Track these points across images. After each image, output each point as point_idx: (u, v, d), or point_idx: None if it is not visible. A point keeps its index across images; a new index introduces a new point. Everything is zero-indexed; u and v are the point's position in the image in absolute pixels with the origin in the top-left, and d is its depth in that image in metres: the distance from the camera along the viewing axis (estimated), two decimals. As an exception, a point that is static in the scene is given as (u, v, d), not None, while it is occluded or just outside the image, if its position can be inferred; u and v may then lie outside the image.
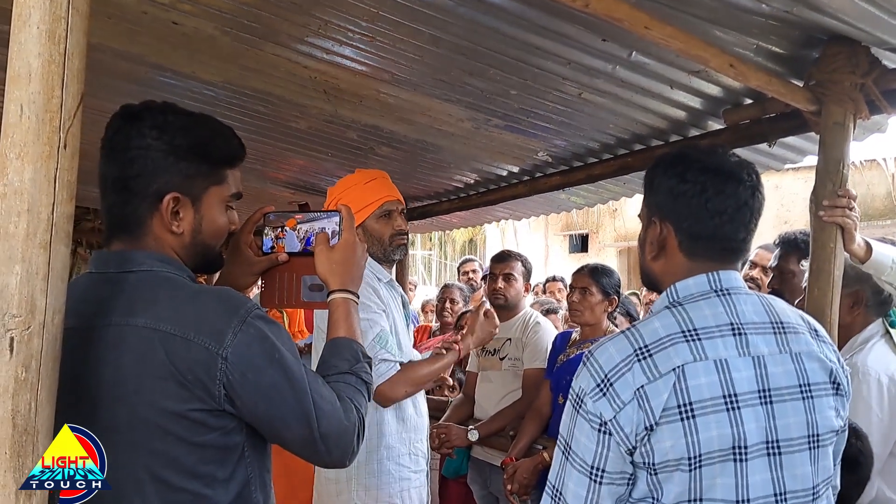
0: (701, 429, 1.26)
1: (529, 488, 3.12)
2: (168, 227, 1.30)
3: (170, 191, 1.28)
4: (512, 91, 2.89)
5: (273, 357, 1.23)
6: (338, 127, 3.53)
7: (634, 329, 1.36)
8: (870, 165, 11.91)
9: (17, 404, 1.00)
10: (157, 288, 1.24)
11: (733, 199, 1.39)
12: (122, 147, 1.26)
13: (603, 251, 16.21)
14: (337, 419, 1.27)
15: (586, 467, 1.30)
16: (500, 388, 3.61)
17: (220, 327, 1.19)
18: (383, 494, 2.38)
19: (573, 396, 1.35)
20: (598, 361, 1.32)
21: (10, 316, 1.00)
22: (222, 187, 1.36)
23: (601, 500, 1.30)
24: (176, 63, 2.87)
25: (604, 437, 1.28)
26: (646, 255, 1.51)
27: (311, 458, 1.30)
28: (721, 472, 1.28)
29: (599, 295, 3.25)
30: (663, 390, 1.26)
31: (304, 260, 1.48)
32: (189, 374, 1.17)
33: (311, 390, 1.25)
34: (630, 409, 1.26)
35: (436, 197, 5.21)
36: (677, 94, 2.87)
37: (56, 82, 1.04)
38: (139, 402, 1.18)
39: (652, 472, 1.28)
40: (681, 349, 1.30)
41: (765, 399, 1.32)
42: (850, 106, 2.32)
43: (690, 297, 1.40)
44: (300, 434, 1.25)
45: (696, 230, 1.41)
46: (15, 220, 1.01)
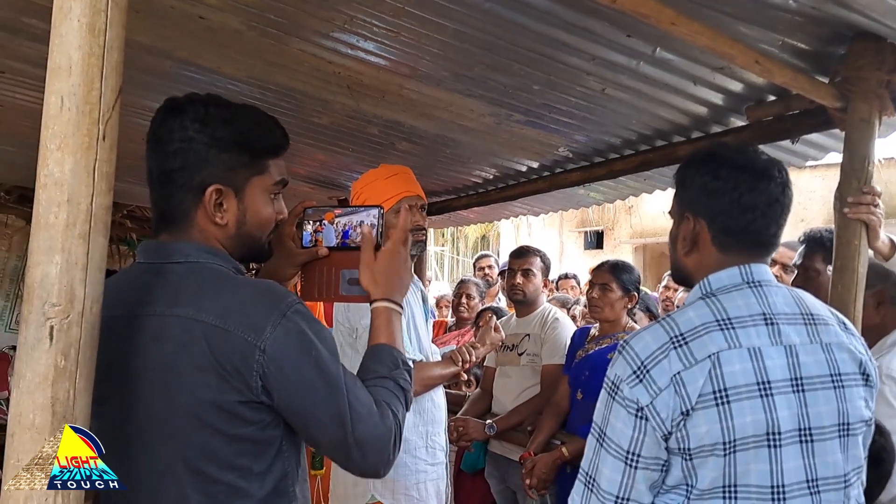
0: (735, 414, 1.30)
1: (548, 483, 3.13)
2: (212, 219, 1.30)
3: (212, 183, 1.29)
4: (535, 86, 2.89)
5: (310, 353, 1.22)
6: (359, 122, 3.53)
7: (669, 318, 1.41)
8: (889, 163, 11.80)
9: (57, 392, 1.02)
10: (202, 279, 1.25)
11: (765, 196, 1.44)
12: (165, 140, 1.27)
13: (618, 248, 16.15)
14: (372, 424, 1.25)
15: (622, 452, 1.33)
16: (519, 383, 3.62)
17: (259, 320, 1.19)
18: (399, 486, 2.41)
19: (608, 384, 1.39)
20: (634, 349, 1.37)
21: (49, 305, 1.02)
22: (265, 177, 1.36)
23: (636, 485, 1.33)
24: (201, 57, 2.89)
25: (640, 422, 1.32)
26: (678, 251, 1.56)
27: (345, 463, 1.29)
28: (755, 459, 1.31)
29: (619, 291, 3.26)
30: (699, 376, 1.30)
31: (343, 254, 1.50)
32: (228, 364, 1.18)
33: (347, 391, 1.24)
34: (666, 395, 1.31)
35: (454, 192, 5.21)
36: (700, 91, 2.86)
37: (95, 75, 1.06)
38: (179, 391, 1.19)
39: (687, 457, 1.31)
40: (715, 337, 1.34)
41: (797, 387, 1.35)
42: (876, 103, 2.31)
43: (723, 288, 1.44)
44: (334, 436, 1.24)
45: (728, 225, 1.46)
46: (55, 210, 1.02)
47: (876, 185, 2.33)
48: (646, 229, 15.76)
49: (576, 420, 3.23)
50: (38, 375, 1.01)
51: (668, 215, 1.64)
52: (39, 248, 1.02)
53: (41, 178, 1.03)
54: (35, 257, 1.02)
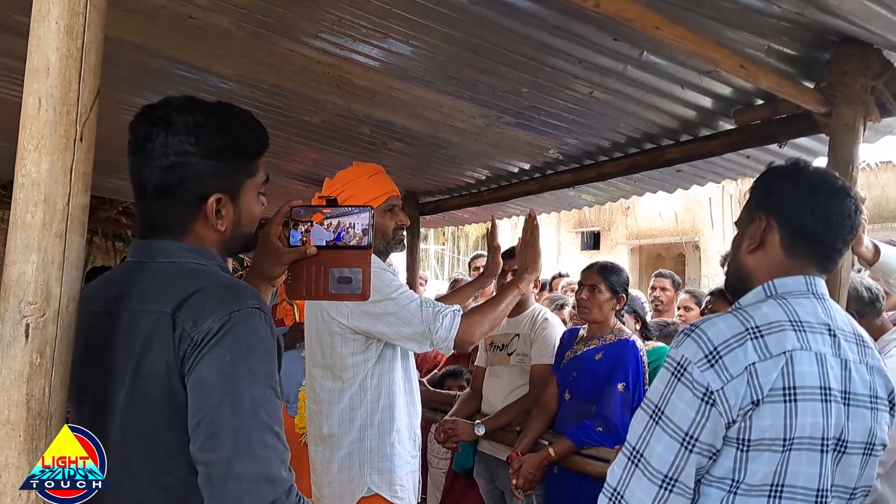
0: (800, 413, 1.33)
1: (534, 483, 3.13)
2: (214, 227, 1.32)
3: (213, 192, 1.29)
4: (523, 89, 2.90)
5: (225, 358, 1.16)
6: (351, 122, 3.55)
7: (742, 311, 1.43)
8: (885, 167, 11.79)
9: (32, 389, 1.03)
10: (175, 275, 1.26)
11: (839, 209, 1.48)
12: (159, 154, 1.26)
13: (615, 249, 16.17)
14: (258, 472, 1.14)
15: (680, 433, 1.35)
16: (508, 383, 3.62)
17: (205, 312, 1.18)
18: (396, 478, 2.41)
19: (673, 364, 1.40)
20: (706, 334, 1.38)
21: (26, 303, 1.03)
22: (256, 178, 1.38)
23: (687, 467, 1.35)
24: (192, 57, 2.90)
25: (706, 406, 1.34)
26: (742, 249, 1.58)
27: (208, 495, 1.15)
28: (807, 461, 1.35)
29: (608, 293, 3.26)
30: (773, 370, 1.33)
31: (333, 253, 1.50)
32: (176, 354, 1.18)
33: (245, 417, 1.14)
34: (738, 383, 1.33)
35: (448, 192, 5.23)
36: (688, 94, 2.87)
37: (73, 76, 1.07)
38: (138, 383, 1.20)
39: (744, 448, 1.34)
40: (789, 336, 1.37)
41: (846, 400, 1.40)
42: (860, 108, 2.32)
43: (790, 293, 1.47)
44: (210, 456, 1.14)
45: (800, 229, 1.49)
46: (32, 209, 1.04)
47: (866, 189, 2.34)
48: (642, 231, 15.76)
49: (563, 421, 3.23)
50: (13, 372, 1.02)
51: (735, 225, 1.67)
52: (16, 247, 1.03)
53: (18, 177, 1.04)
54: (12, 256, 1.04)
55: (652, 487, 1.37)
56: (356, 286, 1.51)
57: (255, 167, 1.37)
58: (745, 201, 1.66)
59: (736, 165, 3.74)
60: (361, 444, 2.40)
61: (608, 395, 3.09)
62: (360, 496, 2.38)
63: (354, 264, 1.51)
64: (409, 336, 2.34)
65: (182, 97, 1.32)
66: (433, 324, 2.32)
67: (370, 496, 2.38)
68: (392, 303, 2.33)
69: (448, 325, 2.33)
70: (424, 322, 2.32)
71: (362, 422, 2.41)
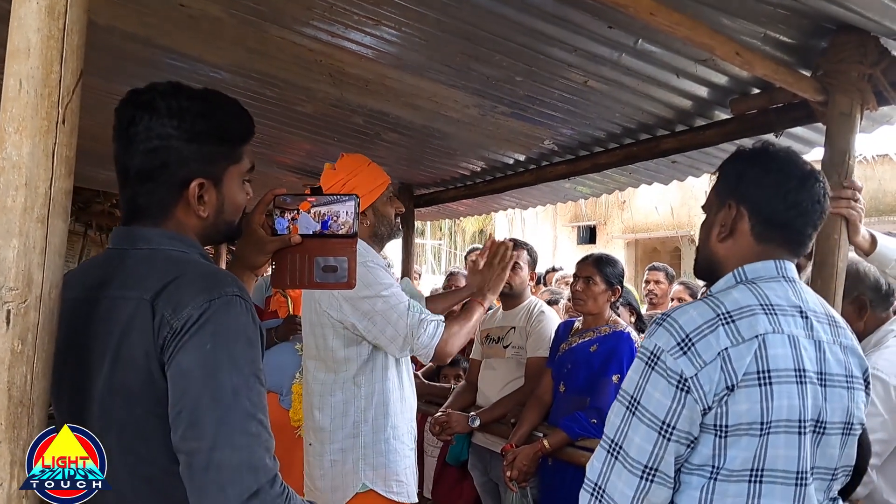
0: (775, 396, 1.34)
1: (528, 475, 3.13)
2: (196, 212, 1.30)
3: (195, 177, 1.28)
4: (518, 77, 2.88)
5: (205, 346, 1.15)
6: (344, 111, 3.52)
7: (712, 297, 1.44)
8: (882, 160, 11.80)
9: (13, 377, 1.01)
10: (155, 262, 1.25)
11: (809, 195, 1.49)
12: (142, 138, 1.25)
13: (611, 243, 16.18)
14: (239, 459, 1.12)
15: (656, 423, 1.35)
16: (503, 375, 3.62)
17: (184, 300, 1.17)
18: (390, 473, 2.41)
19: (646, 354, 1.40)
20: (677, 322, 1.39)
21: (6, 289, 1.01)
22: (240, 165, 1.36)
23: (666, 456, 1.35)
24: (183, 45, 2.88)
25: (681, 394, 1.34)
26: (712, 237, 1.59)
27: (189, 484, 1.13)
28: (786, 443, 1.35)
29: (603, 285, 3.25)
30: (746, 355, 1.34)
31: (318, 241, 1.50)
32: (154, 342, 1.16)
33: (226, 407, 1.13)
34: (711, 369, 1.33)
35: (442, 184, 5.21)
36: (684, 83, 2.85)
37: (55, 58, 1.05)
38: (117, 370, 1.18)
39: (722, 434, 1.34)
40: (761, 320, 1.38)
41: (822, 381, 1.41)
42: (857, 96, 2.30)
43: (760, 278, 1.48)
44: (191, 445, 1.12)
45: (771, 217, 1.50)
46: (13, 193, 1.02)
47: (862, 182, 2.32)
48: (637, 225, 15.78)
49: (558, 413, 3.23)
50: (-7, 359, 1.00)
51: (703, 209, 1.67)
52: (-4, 232, 1.01)
53: (-1, 161, 1.02)
54: (-8, 241, 1.02)
55: (633, 479, 1.37)
56: (342, 275, 1.50)
57: (239, 154, 1.36)
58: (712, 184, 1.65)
59: (732, 156, 3.72)
60: (355, 440, 2.40)
61: (603, 387, 3.08)
62: (355, 492, 2.38)
63: (340, 253, 1.50)
64: (391, 337, 2.34)
65: (167, 83, 1.31)
66: (416, 329, 2.32)
67: (364, 492, 2.38)
68: (381, 301, 2.33)
69: (431, 333, 2.33)
70: (409, 326, 2.32)
71: (356, 417, 2.40)
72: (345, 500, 2.38)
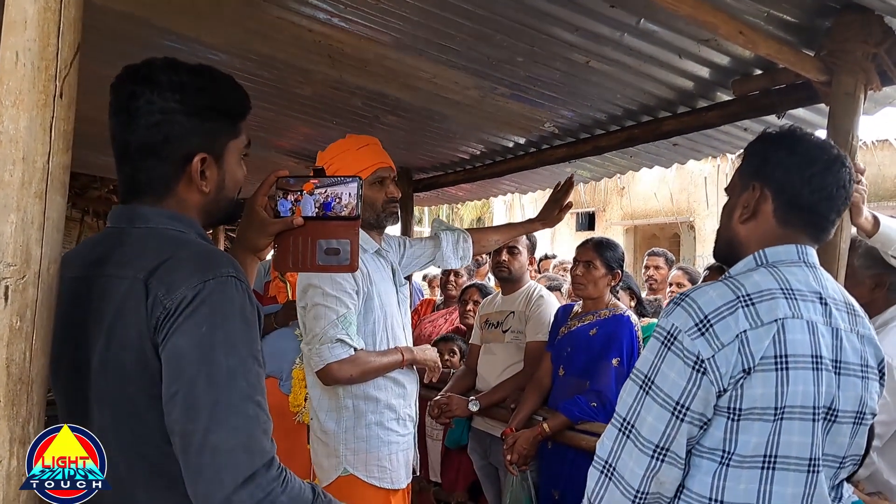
0: (791, 382, 1.33)
1: (528, 459, 3.13)
2: (198, 188, 1.30)
3: (197, 152, 1.27)
4: (518, 58, 2.86)
5: (201, 328, 1.13)
6: (342, 93, 3.50)
7: (733, 279, 1.42)
8: (881, 146, 11.77)
9: (12, 353, 1.00)
10: (152, 242, 1.23)
11: (835, 179, 1.47)
12: (144, 112, 1.23)
13: (610, 229, 16.16)
14: (236, 442, 1.11)
15: (670, 403, 1.35)
16: (503, 360, 3.62)
17: (178, 280, 1.15)
18: (372, 458, 2.42)
19: (662, 333, 1.39)
20: (696, 302, 1.37)
21: (4, 265, 1.00)
22: (239, 140, 1.36)
23: (678, 437, 1.35)
24: (181, 26, 2.86)
25: (697, 375, 1.33)
26: (734, 218, 1.57)
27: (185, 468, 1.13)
28: (800, 430, 1.34)
29: (603, 269, 3.24)
30: (764, 338, 1.33)
31: (320, 224, 1.48)
32: (147, 321, 1.15)
33: (220, 388, 1.12)
34: (729, 351, 1.32)
35: (441, 168, 5.19)
36: (686, 64, 2.83)
37: (52, 30, 1.03)
38: (112, 350, 1.17)
39: (735, 417, 1.34)
40: (781, 304, 1.36)
41: (837, 369, 1.40)
42: (861, 76, 2.28)
43: (781, 262, 1.47)
44: (185, 427, 1.11)
45: (795, 200, 1.48)
46: (10, 168, 1.01)
47: (860, 162, 2.31)
48: (637, 211, 15.76)
49: (558, 396, 3.22)
50: (-8, 336, 0.99)
51: (726, 191, 1.65)
52: (-7, 207, 1.00)
53: (-5, 135, 1.01)
54: (-11, 216, 1.00)
55: (643, 458, 1.37)
56: (344, 257, 1.49)
57: (238, 129, 1.36)
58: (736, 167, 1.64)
59: (733, 138, 3.71)
60: (337, 424, 2.42)
61: (602, 370, 3.08)
62: (337, 475, 2.41)
63: (342, 235, 1.49)
64: (307, 332, 2.38)
65: (164, 58, 1.30)
66: (323, 341, 2.32)
67: (346, 476, 2.40)
68: (322, 297, 2.34)
69: (333, 354, 2.32)
70: (321, 334, 2.33)
71: (338, 403, 2.43)
72: (328, 481, 2.40)
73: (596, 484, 1.44)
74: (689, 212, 14.51)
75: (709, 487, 1.37)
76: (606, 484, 1.42)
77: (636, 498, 1.38)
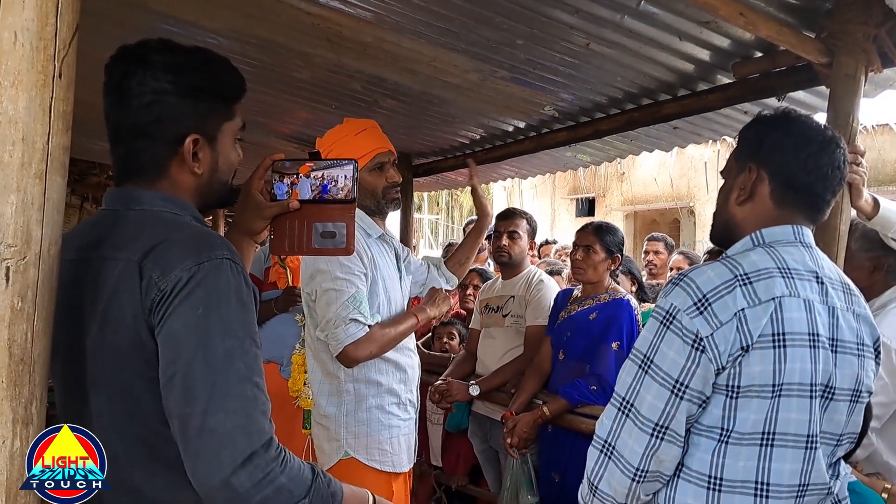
0: (788, 359, 1.34)
1: (529, 442, 3.15)
2: (190, 169, 1.29)
3: (189, 133, 1.27)
4: (518, 41, 2.85)
5: (198, 310, 1.14)
6: (341, 77, 3.49)
7: (730, 259, 1.44)
8: (882, 130, 11.75)
9: (14, 334, 1.00)
10: (146, 224, 1.23)
11: (830, 160, 1.49)
12: (136, 92, 1.23)
13: (610, 215, 16.15)
14: (234, 423, 1.10)
15: (670, 381, 1.36)
16: (503, 344, 3.63)
17: (172, 262, 1.15)
18: (372, 441, 2.42)
19: (661, 313, 1.41)
20: (695, 282, 1.39)
21: (5, 245, 1.00)
22: (234, 122, 1.35)
23: (678, 415, 1.37)
24: (179, 10, 2.85)
25: (696, 353, 1.35)
26: (731, 200, 1.58)
27: (184, 451, 1.12)
28: (797, 407, 1.36)
29: (603, 253, 3.24)
30: (762, 316, 1.34)
31: (317, 207, 1.48)
32: (142, 304, 1.15)
33: (218, 371, 1.12)
34: (727, 329, 1.33)
35: (441, 153, 5.18)
36: (686, 46, 2.82)
37: (50, 10, 1.03)
38: (107, 332, 1.17)
39: (733, 395, 1.35)
40: (778, 282, 1.38)
41: (833, 347, 1.41)
42: (862, 58, 2.28)
43: (777, 242, 1.48)
44: (183, 410, 1.11)
45: (791, 181, 1.50)
46: (9, 149, 1.00)
47: (860, 145, 2.31)
48: (637, 196, 15.75)
49: (557, 380, 3.23)
50: (-7, 317, 0.99)
51: (721, 174, 1.67)
52: (-7, 188, 1.00)
53: (-6, 115, 1.00)
54: (-11, 197, 1.00)
55: (643, 436, 1.38)
56: (340, 241, 1.49)
57: (232, 111, 1.35)
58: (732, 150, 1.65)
59: (733, 121, 3.71)
60: (338, 408, 2.43)
61: (602, 354, 3.09)
62: (338, 458, 2.41)
63: (338, 218, 1.49)
64: (321, 318, 2.36)
65: (158, 39, 1.29)
66: (338, 322, 2.30)
67: (347, 459, 2.41)
68: (331, 281, 2.33)
69: (349, 333, 2.31)
70: (335, 315, 2.31)
71: (339, 387, 2.43)
72: (329, 465, 2.40)
73: (595, 463, 1.46)
74: (690, 197, 14.51)
75: (708, 465, 1.38)
76: (606, 463, 1.43)
77: (636, 476, 1.39)
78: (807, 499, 1.40)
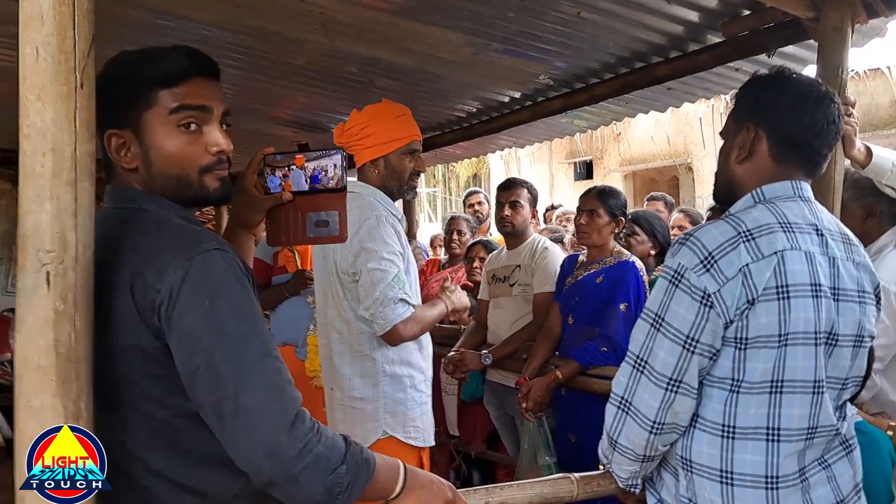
0: (793, 309, 1.40)
1: (543, 405, 3.22)
2: (121, 166, 1.30)
3: (105, 129, 1.26)
4: (509, 13, 2.87)
5: (204, 302, 1.16)
6: (336, 61, 3.51)
7: (733, 217, 1.50)
8: (874, 74, 11.68)
9: (59, 334, 1.05)
10: (136, 225, 1.26)
11: (825, 115, 1.53)
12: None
13: (608, 176, 16.12)
14: (266, 397, 1.15)
15: (681, 337, 1.43)
16: (512, 313, 3.69)
17: (165, 263, 1.18)
18: (409, 420, 2.48)
19: (670, 273, 1.47)
20: (700, 240, 1.45)
21: (44, 252, 1.04)
22: (157, 108, 1.27)
23: (690, 368, 1.43)
24: (172, 5, 2.86)
25: (704, 308, 1.41)
26: (731, 160, 1.63)
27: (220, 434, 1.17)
28: (803, 355, 1.42)
29: (607, 217, 3.28)
30: (766, 270, 1.40)
31: (309, 198, 1.52)
32: (140, 307, 1.18)
33: (240, 353, 1.16)
34: (733, 285, 1.40)
35: (438, 128, 5.20)
36: (675, 9, 2.84)
37: (68, 23, 1.06)
38: (107, 331, 1.19)
39: (742, 346, 1.42)
40: (780, 237, 1.43)
41: (835, 296, 1.47)
42: (847, 10, 2.31)
43: (777, 198, 1.53)
44: (213, 396, 1.15)
45: (788, 137, 1.55)
46: (41, 159, 1.04)
47: (855, 96, 2.34)
48: (634, 156, 15.70)
49: (568, 344, 3.30)
50: (38, 320, 1.04)
51: (721, 135, 1.72)
52: (29, 198, 1.04)
53: (24, 128, 1.04)
54: (25, 206, 1.05)
55: (658, 391, 1.45)
56: (333, 229, 1.54)
57: (151, 97, 1.27)
58: (729, 111, 1.69)
59: (725, 79, 3.73)
60: (375, 389, 2.45)
61: (611, 316, 3.15)
62: (376, 438, 2.44)
63: (331, 207, 1.54)
64: (365, 296, 2.38)
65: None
66: (387, 301, 2.34)
67: (385, 438, 2.45)
68: (376, 261, 2.36)
69: (398, 313, 2.35)
70: (382, 295, 2.34)
71: (375, 368, 2.46)
72: (365, 445, 2.44)
73: (614, 419, 1.53)
74: (687, 153, 14.47)
75: (721, 414, 1.45)
76: (624, 418, 1.51)
77: (653, 429, 1.46)
78: (816, 440, 1.47)
